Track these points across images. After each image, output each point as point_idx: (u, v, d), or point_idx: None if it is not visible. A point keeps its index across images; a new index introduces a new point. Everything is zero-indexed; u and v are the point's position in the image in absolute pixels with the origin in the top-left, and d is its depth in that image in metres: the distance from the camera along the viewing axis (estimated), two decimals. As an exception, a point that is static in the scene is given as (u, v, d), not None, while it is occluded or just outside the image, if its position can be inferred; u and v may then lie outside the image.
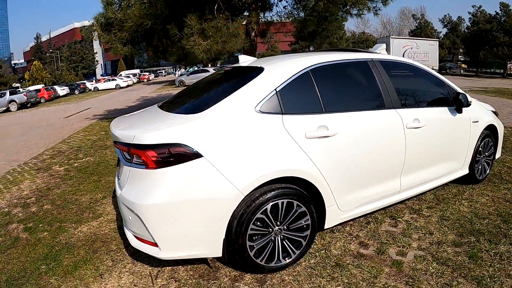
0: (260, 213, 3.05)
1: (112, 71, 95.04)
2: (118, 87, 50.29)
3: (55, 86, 48.10)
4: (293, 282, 3.16)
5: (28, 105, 35.61)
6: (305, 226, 3.33)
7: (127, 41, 10.42)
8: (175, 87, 36.79)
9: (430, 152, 4.36)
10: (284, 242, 3.28)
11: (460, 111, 4.55)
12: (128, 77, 58.33)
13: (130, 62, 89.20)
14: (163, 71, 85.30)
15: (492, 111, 5.46)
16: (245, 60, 4.29)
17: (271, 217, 3.13)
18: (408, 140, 3.96)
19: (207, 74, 34.80)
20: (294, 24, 13.20)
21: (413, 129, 4.02)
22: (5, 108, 33.74)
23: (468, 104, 4.53)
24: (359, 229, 4.09)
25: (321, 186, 3.31)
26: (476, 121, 4.85)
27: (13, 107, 33.66)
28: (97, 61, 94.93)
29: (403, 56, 33.36)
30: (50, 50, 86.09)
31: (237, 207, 2.96)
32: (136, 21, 9.05)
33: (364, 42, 60.95)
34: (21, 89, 42.37)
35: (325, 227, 3.53)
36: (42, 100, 40.51)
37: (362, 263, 3.40)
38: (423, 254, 3.50)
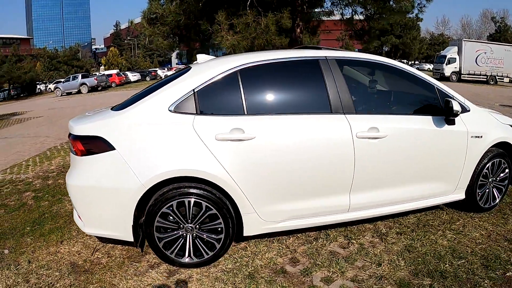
0: (166, 208, 3.22)
1: (188, 60, 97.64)
2: (190, 76, 51.48)
3: (127, 72, 50.63)
4: (197, 281, 3.25)
5: (99, 89, 38.24)
6: (219, 229, 3.35)
7: (168, 35, 10.94)
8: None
9: (398, 168, 3.77)
10: (196, 241, 3.37)
11: (451, 122, 3.84)
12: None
13: (207, 52, 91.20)
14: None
15: (511, 125, 4.50)
16: (202, 60, 4.03)
17: (178, 213, 3.26)
18: (358, 151, 3.47)
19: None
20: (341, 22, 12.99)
21: (368, 140, 3.49)
22: (76, 90, 36.72)
23: (455, 114, 3.74)
24: (301, 244, 3.80)
25: (232, 191, 3.26)
26: (478, 136, 4.03)
27: (84, 89, 36.54)
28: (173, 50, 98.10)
29: (475, 61, 31.63)
30: (128, 38, 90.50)
31: (142, 199, 3.19)
32: (175, 17, 9.53)
33: (440, 44, 58.22)
34: (97, 73, 45.34)
35: (245, 235, 3.47)
36: (113, 85, 42.96)
37: (277, 280, 3.21)
38: (351, 287, 3.10)
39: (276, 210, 3.43)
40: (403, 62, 65.05)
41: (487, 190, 4.34)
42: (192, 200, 3.22)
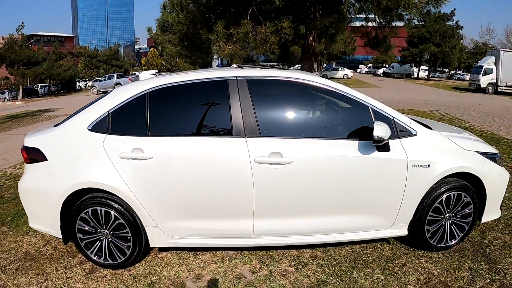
0: (84, 214, 3.58)
1: (228, 63, 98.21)
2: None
3: (162, 73, 51.53)
4: (106, 281, 3.57)
5: (134, 88, 38.98)
6: (128, 237, 3.59)
7: (177, 42, 11.17)
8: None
9: (312, 197, 3.48)
10: (110, 245, 3.66)
11: (383, 149, 3.40)
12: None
13: (246, 57, 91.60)
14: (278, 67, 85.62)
15: (481, 152, 3.82)
16: (144, 76, 4.35)
17: (94, 219, 3.58)
18: (258, 177, 3.35)
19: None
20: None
21: (269, 165, 3.33)
22: (111, 90, 37.59)
23: (377, 141, 3.24)
24: (214, 262, 3.77)
25: (134, 205, 3.49)
26: (424, 165, 3.50)
27: None
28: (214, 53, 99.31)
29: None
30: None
31: (65, 203, 3.56)
32: (181, 26, 9.69)
33: (482, 54, 56.23)
34: (136, 73, 46.56)
35: (151, 246, 3.71)
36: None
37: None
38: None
39: (177, 227, 3.57)
40: (443, 71, 63.67)
41: (442, 227, 3.76)
42: (103, 209, 3.55)
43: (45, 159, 3.61)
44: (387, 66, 63.71)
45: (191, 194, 3.48)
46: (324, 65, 62.80)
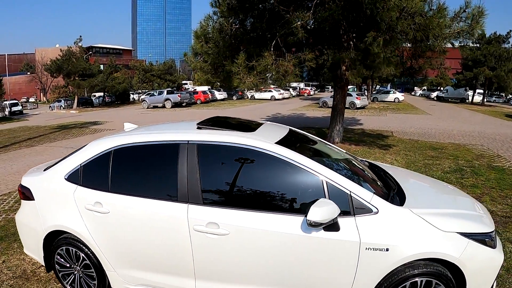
0: (59, 250, 4.01)
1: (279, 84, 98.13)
2: (273, 98, 51.68)
3: (213, 90, 52.31)
4: None
5: (183, 105, 39.98)
6: (94, 277, 3.94)
7: (208, 70, 11.41)
8: (318, 107, 36.82)
9: (252, 272, 3.32)
10: (82, 279, 4.03)
11: (332, 228, 3.06)
12: (287, 89, 59.74)
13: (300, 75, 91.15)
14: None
15: (464, 233, 3.19)
16: (127, 127, 4.61)
17: (67, 256, 3.99)
18: (196, 244, 3.36)
19: (349, 98, 34.82)
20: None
21: (206, 234, 3.29)
22: (161, 105, 38.81)
23: (311, 224, 2.94)
24: None
25: (95, 250, 3.80)
26: (382, 249, 3.05)
27: (167, 104, 38.86)
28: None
29: None
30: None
31: (47, 239, 4.02)
32: (210, 56, 9.96)
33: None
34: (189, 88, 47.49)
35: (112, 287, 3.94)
36: (198, 102, 44.59)
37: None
38: None
39: (130, 275, 3.78)
40: (500, 96, 60.53)
41: None
42: (74, 249, 3.92)
43: (33, 198, 4.09)
44: (441, 89, 61.76)
45: (140, 249, 3.65)
46: (378, 87, 61.74)
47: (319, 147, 4.43)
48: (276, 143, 3.50)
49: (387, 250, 3.05)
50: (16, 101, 47.97)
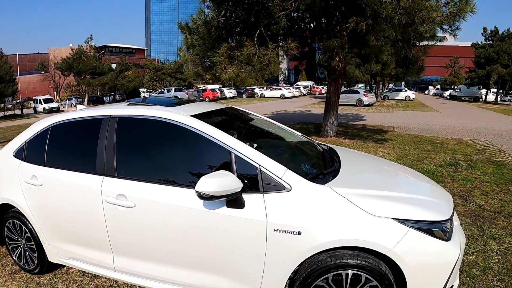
0: (7, 223, 4.19)
1: (295, 79, 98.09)
2: (282, 97, 52.10)
3: (223, 88, 52.40)
4: (14, 280, 4.22)
5: (191, 103, 39.98)
6: (34, 249, 4.06)
7: (197, 63, 11.32)
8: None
9: (161, 246, 3.21)
10: (25, 253, 4.17)
11: (234, 204, 2.86)
12: (297, 88, 59.84)
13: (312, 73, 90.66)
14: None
15: (404, 219, 2.74)
16: (79, 108, 4.53)
17: (14, 229, 4.16)
18: (108, 216, 3.37)
19: (357, 95, 34.56)
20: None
21: (116, 206, 3.29)
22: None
23: (201, 196, 2.72)
24: (99, 285, 4.00)
25: (33, 222, 3.93)
26: (293, 232, 2.73)
27: None
28: (281, 68, 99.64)
29: None
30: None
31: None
32: (197, 48, 9.90)
33: None
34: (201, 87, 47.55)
35: (49, 260, 4.05)
36: (207, 100, 44.61)
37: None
38: None
39: (61, 248, 3.88)
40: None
41: None
42: (18, 222, 4.07)
43: None
44: (454, 88, 60.92)
45: (65, 222, 3.75)
46: (391, 85, 61.16)
47: (255, 123, 4.50)
48: (192, 116, 3.35)
49: (299, 233, 2.72)
50: (51, 97, 47.99)
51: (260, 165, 2.92)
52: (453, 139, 13.86)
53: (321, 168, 3.51)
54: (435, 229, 2.77)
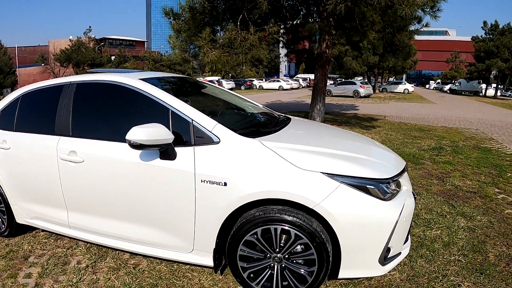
0: None
1: (295, 72, 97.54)
2: (281, 88, 52.04)
3: (221, 80, 52.30)
4: None
5: (187, 93, 39.92)
6: (3, 211, 4.29)
7: (184, 49, 11.37)
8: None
9: (105, 200, 3.43)
10: None
11: (166, 156, 3.01)
12: (296, 80, 59.80)
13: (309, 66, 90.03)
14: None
15: (334, 174, 2.73)
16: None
17: None
18: (62, 172, 3.64)
19: (353, 86, 34.53)
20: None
21: (68, 162, 3.55)
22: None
23: (135, 145, 2.84)
24: (60, 246, 4.18)
25: (1, 184, 4.16)
26: (219, 183, 2.84)
27: None
28: (280, 62, 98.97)
29: None
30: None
31: None
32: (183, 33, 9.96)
33: None
34: (200, 78, 47.53)
35: (17, 221, 4.25)
36: (203, 91, 44.42)
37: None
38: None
39: (26, 208, 4.10)
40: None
41: (268, 270, 2.92)
42: None
43: None
44: (454, 82, 60.81)
45: (29, 181, 3.98)
46: (392, 79, 61.14)
47: (207, 90, 4.74)
48: (141, 79, 3.57)
49: (225, 184, 2.82)
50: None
51: (192, 119, 3.07)
52: (443, 127, 13.87)
53: (263, 128, 3.64)
54: (370, 187, 2.74)
